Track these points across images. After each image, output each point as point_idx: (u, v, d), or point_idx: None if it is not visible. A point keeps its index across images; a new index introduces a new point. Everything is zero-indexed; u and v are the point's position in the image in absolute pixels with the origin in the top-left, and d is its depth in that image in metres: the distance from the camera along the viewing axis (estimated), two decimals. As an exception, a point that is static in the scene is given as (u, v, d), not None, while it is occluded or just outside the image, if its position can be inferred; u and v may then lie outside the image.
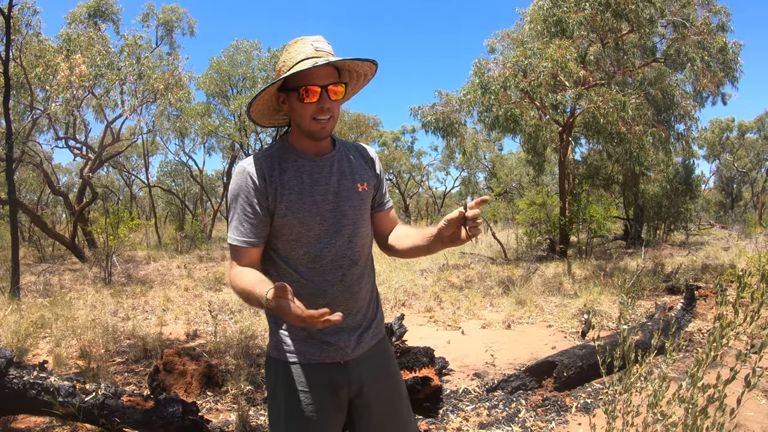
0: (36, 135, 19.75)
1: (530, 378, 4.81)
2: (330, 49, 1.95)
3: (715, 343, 2.08)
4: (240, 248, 1.96)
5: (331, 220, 2.00)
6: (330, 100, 1.92)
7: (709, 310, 7.37)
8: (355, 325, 2.08)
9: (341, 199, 2.03)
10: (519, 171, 34.83)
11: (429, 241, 2.02)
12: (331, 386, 2.02)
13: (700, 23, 14.24)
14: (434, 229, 1.96)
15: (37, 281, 11.41)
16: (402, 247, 2.18)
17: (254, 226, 1.96)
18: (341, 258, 2.02)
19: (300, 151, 2.03)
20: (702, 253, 14.73)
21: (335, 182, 2.04)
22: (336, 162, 2.07)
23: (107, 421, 3.23)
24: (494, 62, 14.61)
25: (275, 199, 1.96)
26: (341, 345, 2.02)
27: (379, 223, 2.26)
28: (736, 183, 41.78)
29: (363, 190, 2.10)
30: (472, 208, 1.83)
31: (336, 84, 1.93)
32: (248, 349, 6.07)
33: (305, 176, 2.00)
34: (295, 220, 1.96)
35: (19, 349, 5.80)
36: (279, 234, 2.01)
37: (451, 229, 1.88)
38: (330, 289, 2.00)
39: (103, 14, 19.55)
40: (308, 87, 1.88)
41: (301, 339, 2.02)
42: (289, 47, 1.96)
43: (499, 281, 10.56)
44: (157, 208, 31.46)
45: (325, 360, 2.02)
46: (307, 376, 2.01)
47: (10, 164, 10.25)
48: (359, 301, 2.09)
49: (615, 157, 16.97)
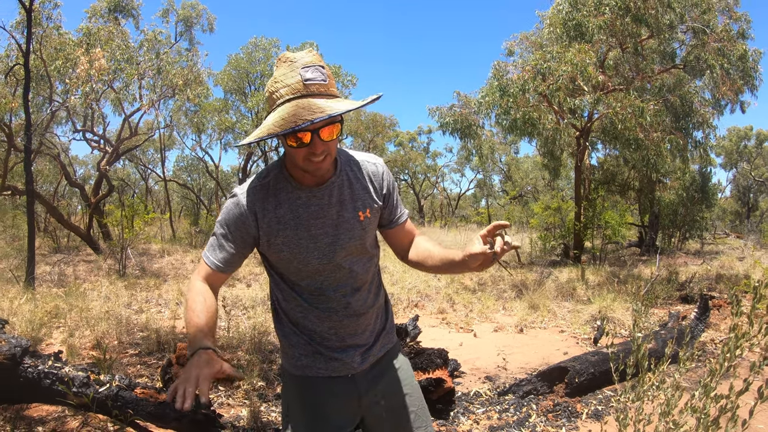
0: (54, 127, 19.90)
1: (542, 383, 4.80)
2: (322, 76, 1.72)
3: (729, 353, 2.07)
4: (209, 267, 1.93)
5: (330, 254, 1.92)
6: (323, 142, 1.72)
7: (723, 320, 7.31)
8: (362, 343, 2.06)
9: (341, 232, 1.93)
10: (535, 175, 34.73)
11: (453, 267, 1.97)
12: (340, 398, 2.03)
13: (720, 30, 14.11)
14: (458, 256, 1.92)
15: (52, 271, 11.50)
16: (425, 266, 2.12)
17: (228, 258, 1.92)
18: (343, 288, 1.98)
19: (296, 181, 1.90)
20: (717, 263, 14.61)
21: (334, 214, 1.93)
22: (336, 190, 1.94)
23: (120, 413, 3.26)
24: (513, 65, 14.56)
25: (269, 234, 1.89)
26: (347, 360, 2.01)
27: (395, 237, 2.19)
28: (753, 192, 41.33)
29: (365, 218, 1.99)
30: (492, 233, 1.79)
31: (330, 124, 1.72)
32: (261, 345, 6.09)
33: (302, 209, 1.90)
34: (291, 256, 1.90)
35: (34, 338, 5.85)
36: (278, 266, 1.98)
37: (478, 261, 1.82)
38: (335, 315, 1.98)
39: (123, 9, 19.69)
40: (296, 134, 1.69)
41: (309, 354, 2.01)
42: (277, 68, 1.77)
43: (512, 285, 10.54)
44: (172, 203, 31.58)
45: (332, 374, 2.02)
46: (316, 389, 2.02)
47: (28, 155, 10.35)
48: (366, 321, 2.06)
49: (632, 163, 16.85)
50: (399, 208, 2.15)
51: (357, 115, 28.32)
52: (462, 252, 1.88)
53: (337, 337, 2.01)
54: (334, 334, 2.00)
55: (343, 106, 1.69)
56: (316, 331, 2.00)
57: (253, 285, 10.71)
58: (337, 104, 1.70)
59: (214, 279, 1.93)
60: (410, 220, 2.23)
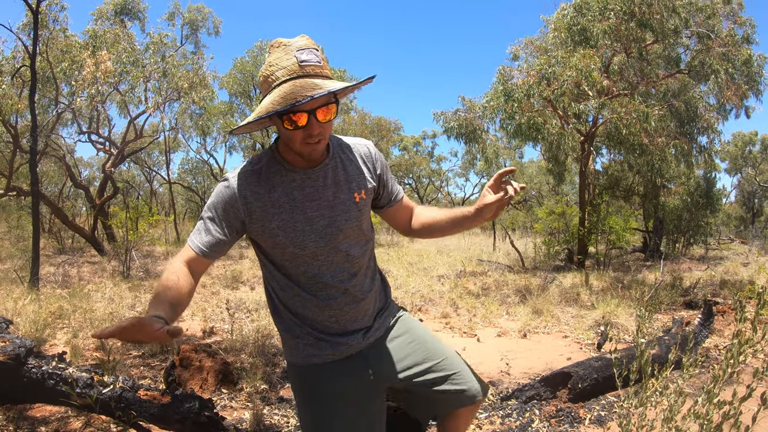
0: (60, 128, 19.99)
1: (545, 388, 4.79)
2: (316, 58, 1.74)
3: (732, 359, 2.07)
4: (192, 251, 1.88)
5: (327, 237, 1.91)
6: (319, 124, 1.74)
7: (727, 326, 7.29)
8: (363, 326, 2.08)
9: (337, 213, 1.93)
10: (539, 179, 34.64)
11: (464, 222, 2.05)
12: (352, 377, 2.03)
13: (725, 35, 14.08)
14: (469, 211, 1.99)
15: (56, 272, 11.53)
16: (431, 230, 2.18)
17: (212, 243, 1.88)
18: (341, 273, 1.97)
19: (290, 164, 1.90)
20: (721, 268, 14.57)
21: (330, 195, 1.93)
22: (330, 171, 1.94)
23: (123, 414, 3.27)
24: (518, 70, 14.55)
25: (263, 219, 1.87)
26: (352, 342, 2.03)
27: (396, 214, 2.21)
28: (758, 198, 41.18)
29: (361, 199, 1.99)
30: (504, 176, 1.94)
31: (325, 105, 1.73)
32: (264, 348, 6.10)
33: (296, 192, 1.89)
34: (287, 240, 1.88)
35: (37, 338, 5.86)
36: (272, 253, 1.96)
37: (492, 210, 1.91)
38: (334, 302, 1.98)
39: (129, 12, 19.76)
40: (292, 115, 1.70)
41: (313, 343, 2.02)
42: (271, 53, 1.77)
43: (516, 290, 10.52)
44: (177, 205, 31.69)
45: (339, 357, 2.03)
46: (329, 373, 2.02)
47: (33, 156, 10.39)
48: (366, 306, 2.07)
49: (636, 168, 16.81)
50: (395, 185, 2.18)
51: (361, 119, 28.34)
52: (474, 206, 1.95)
53: (338, 325, 2.02)
54: (336, 322, 2.01)
55: (340, 84, 1.72)
56: (317, 320, 2.01)
57: (256, 288, 10.72)
58: (333, 83, 1.72)
59: (195, 263, 1.88)
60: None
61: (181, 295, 1.73)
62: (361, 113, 28.79)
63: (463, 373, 2.21)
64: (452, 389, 2.17)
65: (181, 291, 1.73)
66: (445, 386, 2.16)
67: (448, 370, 2.18)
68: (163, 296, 1.68)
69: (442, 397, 2.19)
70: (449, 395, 2.18)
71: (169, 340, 1.42)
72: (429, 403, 2.29)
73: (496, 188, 1.93)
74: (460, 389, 2.18)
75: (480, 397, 2.22)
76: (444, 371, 2.17)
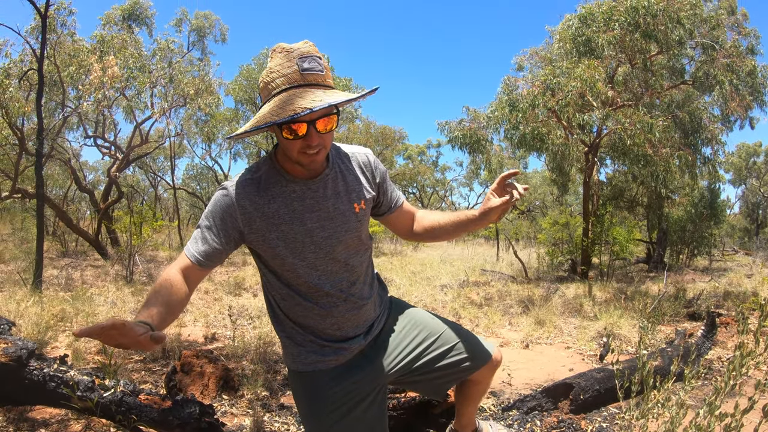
0: (66, 132, 20.09)
1: (546, 399, 4.77)
2: (319, 67, 1.72)
3: (735, 371, 2.07)
4: (188, 260, 1.85)
5: (326, 248, 1.91)
6: (319, 134, 1.71)
7: (731, 338, 7.26)
8: (364, 331, 2.09)
9: (337, 224, 1.92)
10: (543, 190, 34.67)
11: (468, 225, 2.07)
12: (356, 378, 2.04)
13: (729, 46, 14.08)
14: (474, 214, 2.02)
15: (60, 275, 11.55)
16: (434, 234, 2.19)
17: (209, 252, 1.85)
18: (340, 282, 1.97)
19: (290, 174, 1.88)
20: (725, 280, 14.52)
21: (330, 207, 1.91)
22: (330, 182, 1.92)
23: (124, 418, 3.26)
24: (523, 80, 14.58)
25: (263, 229, 1.86)
26: (354, 347, 2.04)
27: (396, 221, 2.21)
28: (762, 209, 41.08)
29: (360, 209, 1.98)
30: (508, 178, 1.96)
31: (326, 116, 1.70)
32: (266, 355, 6.08)
33: (296, 203, 1.87)
34: (287, 251, 1.87)
35: (40, 341, 5.86)
36: (272, 263, 1.94)
37: (497, 213, 1.93)
38: (336, 309, 1.98)
39: (137, 18, 19.92)
40: (292, 124, 1.67)
41: (316, 350, 2.02)
42: (273, 58, 1.75)
43: (518, 300, 10.50)
44: (181, 210, 31.69)
45: (342, 361, 2.04)
46: (332, 378, 2.02)
47: (39, 159, 10.42)
48: (366, 313, 2.08)
49: (640, 179, 16.80)
50: (394, 192, 2.17)
51: (366, 127, 28.37)
52: (479, 209, 1.98)
53: (341, 332, 2.02)
54: (338, 329, 2.01)
55: (341, 96, 1.68)
56: (319, 328, 2.01)
57: (259, 295, 10.71)
58: (335, 94, 1.69)
59: (190, 272, 1.84)
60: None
61: (172, 303, 1.71)
62: (366, 122, 28.82)
63: (462, 343, 2.25)
64: (454, 361, 2.21)
65: (171, 299, 1.71)
66: (447, 359, 2.21)
67: (447, 344, 2.22)
68: (153, 303, 1.66)
69: (449, 371, 2.23)
70: (454, 368, 2.22)
71: (152, 346, 1.40)
72: (439, 380, 2.30)
73: (500, 191, 1.94)
74: (461, 359, 2.22)
75: (484, 362, 2.27)
76: (443, 346, 2.21)
